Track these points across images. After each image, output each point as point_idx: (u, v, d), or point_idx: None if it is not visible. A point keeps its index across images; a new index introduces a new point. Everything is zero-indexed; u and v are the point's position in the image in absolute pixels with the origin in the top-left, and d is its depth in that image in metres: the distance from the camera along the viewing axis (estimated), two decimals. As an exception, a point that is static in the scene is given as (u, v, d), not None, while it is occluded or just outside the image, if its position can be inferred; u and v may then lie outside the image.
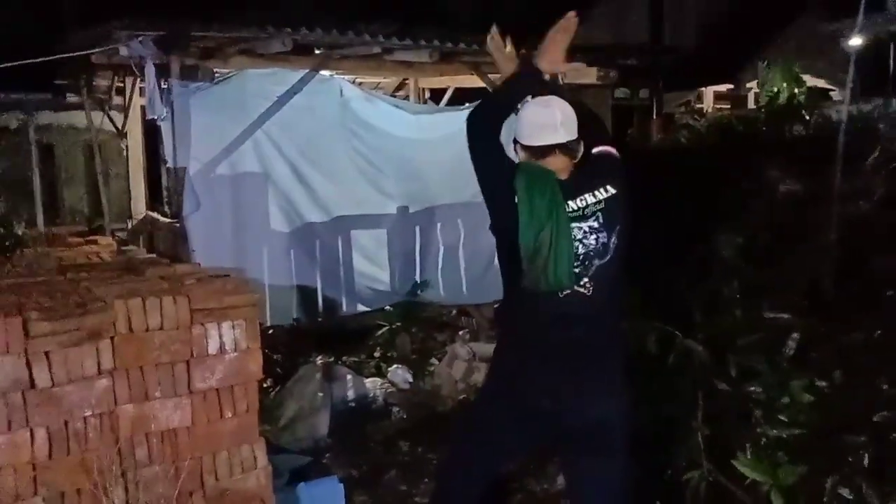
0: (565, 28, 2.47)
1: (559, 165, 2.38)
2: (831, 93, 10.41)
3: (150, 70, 4.72)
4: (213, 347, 2.70)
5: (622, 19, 10.91)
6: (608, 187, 2.38)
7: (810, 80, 8.85)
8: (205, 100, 5.14)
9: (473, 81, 7.10)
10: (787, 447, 3.09)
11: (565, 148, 2.38)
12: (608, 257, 2.36)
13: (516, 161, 2.44)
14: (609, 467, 2.43)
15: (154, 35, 4.49)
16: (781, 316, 3.94)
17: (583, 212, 2.34)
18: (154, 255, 4.15)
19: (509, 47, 2.58)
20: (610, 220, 2.36)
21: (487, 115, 2.47)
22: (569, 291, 2.34)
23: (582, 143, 2.42)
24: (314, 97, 5.74)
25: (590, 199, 2.36)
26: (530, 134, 2.40)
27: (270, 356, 5.36)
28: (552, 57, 2.47)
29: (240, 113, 5.43)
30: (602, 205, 2.36)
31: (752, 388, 3.40)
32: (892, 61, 10.48)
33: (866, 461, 2.90)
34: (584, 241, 2.34)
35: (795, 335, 3.71)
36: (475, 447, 2.64)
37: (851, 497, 2.79)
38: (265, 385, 5.08)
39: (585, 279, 2.36)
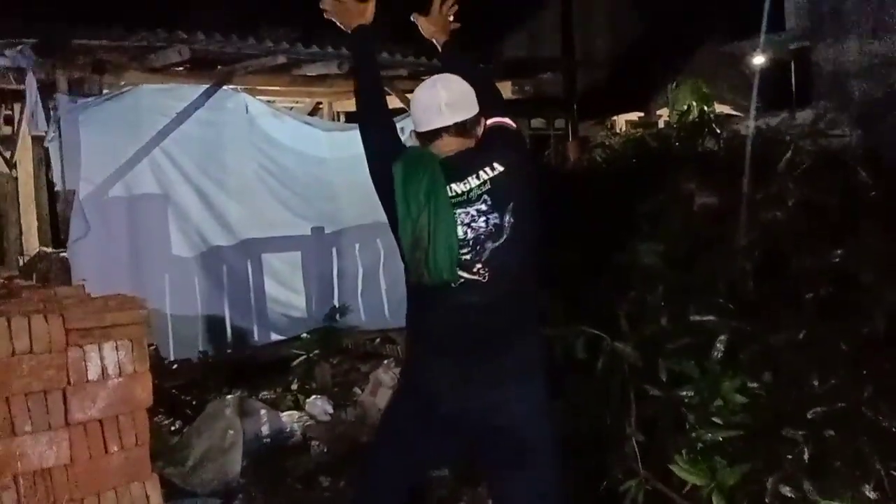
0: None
1: (452, 147, 2.23)
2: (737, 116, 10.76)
3: (30, 80, 4.36)
4: (93, 373, 2.42)
5: (534, 41, 11.24)
6: (494, 165, 2.21)
7: (716, 107, 9.16)
8: (95, 116, 4.78)
9: (390, 102, 6.92)
10: (724, 450, 2.98)
11: (453, 129, 2.23)
12: (503, 239, 2.19)
13: None
14: (529, 472, 2.24)
15: (32, 42, 4.15)
16: (708, 318, 3.86)
17: (467, 195, 2.18)
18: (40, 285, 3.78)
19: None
20: (499, 200, 2.20)
21: (360, 86, 2.48)
22: (462, 281, 2.17)
23: (482, 119, 2.28)
24: (217, 113, 5.44)
25: (473, 181, 2.20)
26: (418, 119, 2.28)
27: (176, 393, 4.99)
28: (431, 30, 2.64)
29: (135, 130, 5.08)
30: (487, 185, 2.20)
31: (684, 393, 3.29)
32: (793, 77, 10.97)
33: (806, 457, 2.79)
34: (473, 224, 2.18)
35: (723, 337, 3.64)
36: (391, 454, 2.43)
37: (793, 495, 2.68)
38: (172, 427, 4.70)
39: (479, 265, 2.19)
